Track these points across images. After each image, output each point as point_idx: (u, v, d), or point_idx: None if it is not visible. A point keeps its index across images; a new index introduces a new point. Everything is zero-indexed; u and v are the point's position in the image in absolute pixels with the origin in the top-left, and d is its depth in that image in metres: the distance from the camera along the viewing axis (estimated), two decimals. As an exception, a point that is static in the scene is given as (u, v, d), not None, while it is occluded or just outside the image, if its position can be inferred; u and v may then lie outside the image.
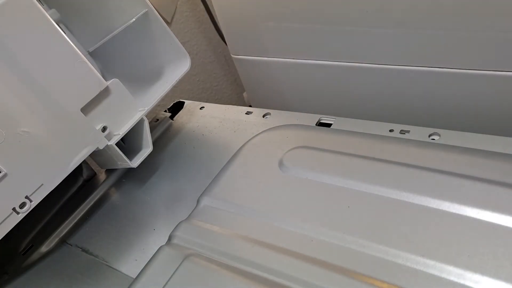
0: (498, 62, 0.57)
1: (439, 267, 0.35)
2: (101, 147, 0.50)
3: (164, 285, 0.42)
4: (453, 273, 0.35)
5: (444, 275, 0.35)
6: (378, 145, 0.48)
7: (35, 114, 0.43)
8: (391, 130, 0.50)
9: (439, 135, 0.47)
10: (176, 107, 0.72)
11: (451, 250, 0.36)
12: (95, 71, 0.49)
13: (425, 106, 0.69)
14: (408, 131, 0.49)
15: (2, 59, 0.41)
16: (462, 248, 0.36)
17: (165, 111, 0.72)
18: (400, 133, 0.49)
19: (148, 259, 0.46)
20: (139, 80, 0.61)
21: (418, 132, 0.48)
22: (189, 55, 0.60)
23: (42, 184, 0.44)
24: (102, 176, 0.64)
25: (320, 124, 0.56)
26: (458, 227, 0.38)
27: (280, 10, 0.69)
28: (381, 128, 0.51)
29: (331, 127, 0.54)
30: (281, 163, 0.51)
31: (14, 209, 0.42)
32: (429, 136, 0.47)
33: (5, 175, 0.41)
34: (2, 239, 0.42)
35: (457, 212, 0.39)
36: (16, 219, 0.43)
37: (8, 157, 0.41)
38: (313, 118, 0.57)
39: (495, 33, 0.54)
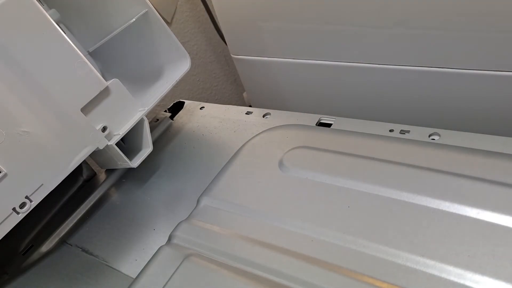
0: (498, 62, 0.57)
1: (439, 267, 0.35)
2: (101, 147, 0.50)
3: (164, 285, 0.42)
4: (453, 273, 0.35)
5: (444, 275, 0.35)
6: (378, 145, 0.48)
7: (35, 114, 0.43)
8: (391, 130, 0.50)
9: (439, 135, 0.47)
10: (176, 107, 0.72)
11: (451, 250, 0.36)
12: (95, 71, 0.49)
13: (425, 106, 0.69)
14: (408, 131, 0.49)
15: (2, 59, 0.41)
16: (462, 248, 0.36)
17: (165, 111, 0.72)
18: (400, 133, 0.49)
19: (148, 259, 0.46)
20: (139, 80, 0.61)
21: (418, 132, 0.48)
22: (189, 55, 0.60)
23: (42, 184, 0.44)
24: (102, 176, 0.64)
25: (320, 124, 0.56)
26: (458, 227, 0.38)
27: (280, 10, 0.69)
28: (381, 128, 0.51)
29: (331, 127, 0.54)
30: (281, 163, 0.51)
31: (14, 209, 0.42)
32: (429, 136, 0.48)
33: (5, 175, 0.41)
34: (2, 239, 0.42)
35: (457, 212, 0.39)
36: (16, 219, 0.43)
37: (8, 157, 0.42)
38: (313, 118, 0.57)
39: (495, 33, 0.54)
